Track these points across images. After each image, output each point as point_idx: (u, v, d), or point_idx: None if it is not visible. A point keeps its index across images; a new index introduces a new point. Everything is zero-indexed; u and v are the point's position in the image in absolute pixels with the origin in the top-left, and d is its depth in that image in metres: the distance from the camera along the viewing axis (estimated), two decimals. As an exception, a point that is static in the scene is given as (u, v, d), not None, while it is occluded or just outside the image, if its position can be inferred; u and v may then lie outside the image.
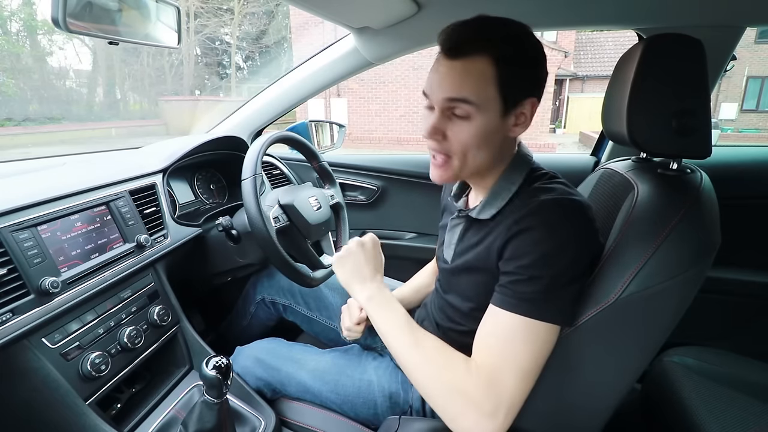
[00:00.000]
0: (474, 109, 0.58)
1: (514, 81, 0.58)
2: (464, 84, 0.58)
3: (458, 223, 0.73)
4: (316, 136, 1.55)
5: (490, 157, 0.63)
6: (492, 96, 0.58)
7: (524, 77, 0.60)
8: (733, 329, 1.27)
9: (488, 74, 0.57)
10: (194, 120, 8.98)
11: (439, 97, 0.60)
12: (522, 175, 0.65)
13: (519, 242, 0.58)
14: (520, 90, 0.59)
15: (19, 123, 10.60)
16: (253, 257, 1.06)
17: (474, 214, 0.68)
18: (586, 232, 0.59)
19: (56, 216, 0.75)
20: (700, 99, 0.61)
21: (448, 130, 0.61)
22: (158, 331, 0.89)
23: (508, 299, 0.58)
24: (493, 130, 0.60)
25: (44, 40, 13.06)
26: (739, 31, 1.03)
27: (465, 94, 0.58)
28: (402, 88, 11.30)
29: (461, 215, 0.72)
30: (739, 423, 0.75)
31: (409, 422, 0.69)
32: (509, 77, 0.57)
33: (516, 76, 0.58)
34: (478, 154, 0.62)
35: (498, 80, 0.57)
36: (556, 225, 0.57)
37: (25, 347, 0.66)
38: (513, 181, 0.65)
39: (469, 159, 0.62)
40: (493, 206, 0.65)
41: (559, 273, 0.56)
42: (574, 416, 0.64)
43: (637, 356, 0.60)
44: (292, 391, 0.87)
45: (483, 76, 0.57)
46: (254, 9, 15.93)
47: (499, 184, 0.66)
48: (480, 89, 0.57)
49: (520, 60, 0.58)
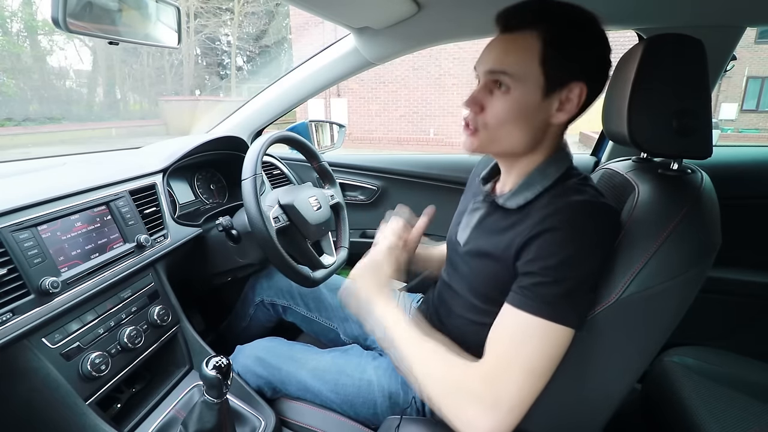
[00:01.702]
0: (513, 82, 0.58)
1: (559, 59, 0.57)
2: (507, 57, 0.58)
3: (480, 207, 0.72)
4: (316, 136, 1.55)
5: (523, 139, 0.62)
6: (534, 72, 0.57)
7: (572, 57, 0.57)
8: (733, 329, 1.27)
9: (533, 49, 0.57)
10: (194, 120, 8.97)
11: (482, 70, 0.61)
12: (559, 171, 0.64)
13: (543, 242, 0.56)
14: (567, 71, 0.58)
15: (19, 123, 10.60)
16: (253, 257, 1.06)
17: (501, 201, 0.66)
18: (611, 240, 0.58)
19: (56, 216, 0.75)
20: (700, 99, 0.61)
21: (487, 103, 0.61)
22: (158, 331, 0.89)
23: (528, 301, 0.56)
24: (531, 108, 0.59)
25: (44, 40, 13.07)
26: (739, 31, 1.03)
27: (505, 66, 0.58)
28: (402, 88, 11.29)
29: (487, 200, 0.71)
30: (739, 423, 0.75)
31: (410, 422, 0.69)
32: (554, 55, 0.56)
33: (563, 55, 0.57)
34: (512, 132, 0.61)
35: (542, 56, 0.57)
36: (583, 228, 0.55)
37: (25, 347, 0.66)
38: (548, 175, 0.63)
39: (500, 135, 0.61)
40: (521, 196, 0.64)
41: (582, 277, 0.55)
42: (575, 416, 0.64)
43: (637, 356, 0.60)
44: (292, 391, 0.87)
45: (527, 50, 0.57)
46: (254, 9, 15.92)
47: (532, 175, 0.64)
48: (521, 62, 0.57)
49: (570, 39, 0.57)
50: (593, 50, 0.59)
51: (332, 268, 1.06)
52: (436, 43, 1.17)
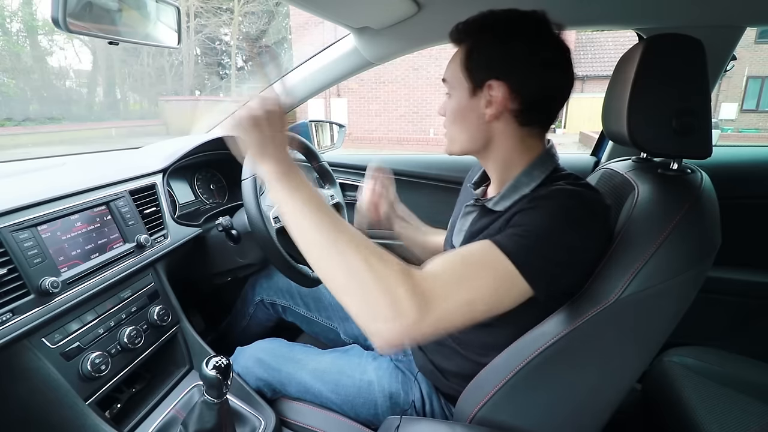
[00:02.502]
0: (451, 88, 0.69)
1: (478, 61, 0.64)
2: (447, 68, 0.70)
3: (472, 211, 0.74)
4: (316, 136, 1.55)
5: (467, 135, 0.69)
6: (459, 76, 0.66)
7: (490, 57, 0.63)
8: (733, 329, 1.27)
9: (459, 58, 0.66)
10: (194, 120, 8.95)
11: None
12: (544, 172, 0.66)
13: (525, 215, 0.58)
14: (485, 70, 0.64)
15: (19, 123, 10.60)
16: (253, 257, 1.06)
17: (490, 205, 0.68)
18: (596, 228, 0.59)
19: (56, 216, 0.75)
20: (700, 99, 0.61)
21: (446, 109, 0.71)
22: (158, 331, 0.89)
23: (499, 239, 0.56)
24: (463, 107, 0.67)
25: (44, 40, 13.07)
26: (739, 31, 1.03)
27: (446, 75, 0.70)
28: (402, 88, 11.30)
29: (477, 203, 0.74)
30: (739, 423, 0.75)
31: (410, 422, 0.69)
32: (474, 58, 0.65)
33: (481, 57, 0.64)
34: (459, 130, 0.69)
35: (464, 63, 0.65)
36: (569, 209, 0.57)
37: (26, 347, 0.66)
38: (534, 177, 0.66)
39: (453, 133, 0.70)
40: (509, 199, 0.66)
41: (554, 246, 0.55)
42: (575, 416, 0.64)
43: (637, 356, 0.60)
44: (292, 391, 0.87)
45: (456, 60, 0.67)
46: (254, 9, 15.92)
47: (518, 179, 0.66)
48: (453, 70, 0.68)
49: (484, 44, 0.64)
50: (505, 48, 0.62)
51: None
52: (436, 43, 1.17)
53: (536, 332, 0.63)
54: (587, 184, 0.64)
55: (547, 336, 0.61)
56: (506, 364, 0.64)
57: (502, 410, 0.64)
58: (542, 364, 0.61)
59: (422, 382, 0.81)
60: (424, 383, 0.81)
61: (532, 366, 0.61)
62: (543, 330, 0.62)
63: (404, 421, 0.68)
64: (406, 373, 0.83)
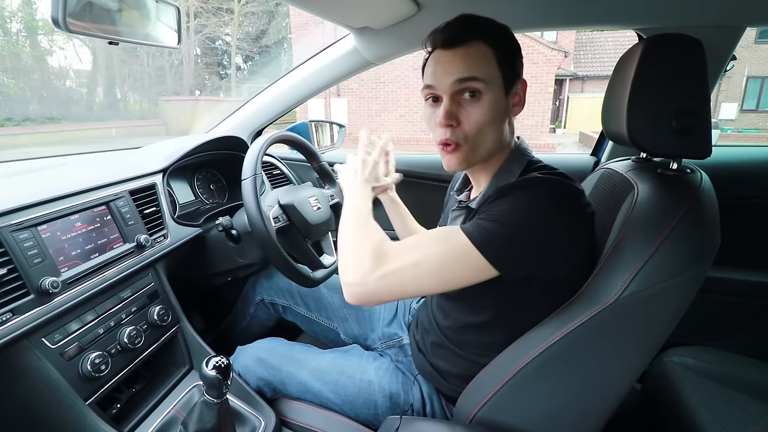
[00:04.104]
0: (483, 86, 0.63)
1: (508, 61, 0.65)
2: (471, 64, 0.63)
3: (459, 214, 0.76)
4: (316, 136, 1.55)
5: (497, 138, 0.67)
6: (495, 73, 0.64)
7: (514, 60, 0.66)
8: (733, 329, 1.26)
9: (489, 54, 0.63)
10: (194, 120, 8.97)
11: (448, 82, 0.64)
12: (521, 167, 0.69)
13: (494, 203, 0.60)
14: (514, 70, 0.66)
15: (19, 123, 10.59)
16: (253, 257, 1.06)
17: (474, 205, 0.70)
18: (565, 212, 0.58)
19: (56, 216, 0.75)
20: (700, 99, 0.61)
21: (461, 115, 0.65)
22: (158, 331, 0.89)
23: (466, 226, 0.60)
24: (501, 107, 0.65)
25: (44, 40, 13.04)
26: (739, 31, 1.03)
27: (474, 72, 0.62)
28: (402, 88, 11.29)
29: (461, 206, 0.76)
30: (739, 423, 0.75)
31: (410, 422, 0.69)
32: (505, 58, 0.64)
33: (509, 58, 0.65)
34: (489, 134, 0.66)
35: (497, 60, 0.64)
36: (536, 194, 0.58)
37: (25, 347, 0.66)
38: (512, 172, 0.69)
39: (480, 141, 0.66)
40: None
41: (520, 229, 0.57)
42: (575, 416, 0.64)
43: (637, 356, 0.60)
44: (292, 391, 0.87)
45: (485, 56, 0.63)
46: (254, 9, 15.92)
47: (498, 176, 0.69)
48: (485, 67, 0.63)
49: (508, 44, 0.65)
50: (519, 51, 0.67)
51: (332, 268, 1.06)
52: (434, 43, 1.17)
53: (536, 332, 0.63)
54: (559, 172, 0.65)
55: (547, 336, 0.61)
56: (506, 365, 0.64)
57: (502, 410, 0.64)
58: (542, 364, 0.61)
59: (422, 383, 0.81)
60: (424, 384, 0.81)
61: (531, 366, 0.61)
62: (543, 330, 0.62)
63: (404, 422, 0.68)
64: (406, 374, 0.83)
